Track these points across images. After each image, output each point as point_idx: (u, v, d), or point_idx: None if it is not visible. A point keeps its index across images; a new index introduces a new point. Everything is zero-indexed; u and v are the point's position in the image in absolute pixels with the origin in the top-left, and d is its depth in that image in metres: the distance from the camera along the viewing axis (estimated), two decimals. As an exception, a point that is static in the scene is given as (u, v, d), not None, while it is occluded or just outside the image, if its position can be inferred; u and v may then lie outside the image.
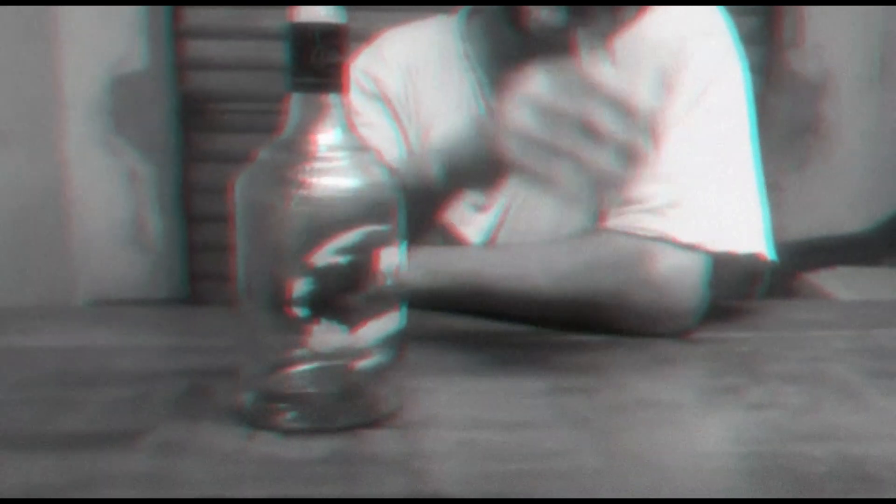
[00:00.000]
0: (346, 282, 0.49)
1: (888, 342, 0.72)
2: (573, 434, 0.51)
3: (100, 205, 2.08)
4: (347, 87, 0.50)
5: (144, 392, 0.57)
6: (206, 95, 2.08)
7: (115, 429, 0.51)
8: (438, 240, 0.82)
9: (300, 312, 0.49)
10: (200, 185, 2.08)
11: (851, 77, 2.17)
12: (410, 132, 0.86)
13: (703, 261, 0.72)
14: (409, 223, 0.52)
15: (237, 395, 0.52)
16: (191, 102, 2.08)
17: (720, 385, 0.61)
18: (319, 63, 0.48)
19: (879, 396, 0.59)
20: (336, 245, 0.48)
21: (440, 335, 0.70)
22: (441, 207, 0.74)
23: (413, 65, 0.89)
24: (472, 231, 0.84)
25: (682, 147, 0.74)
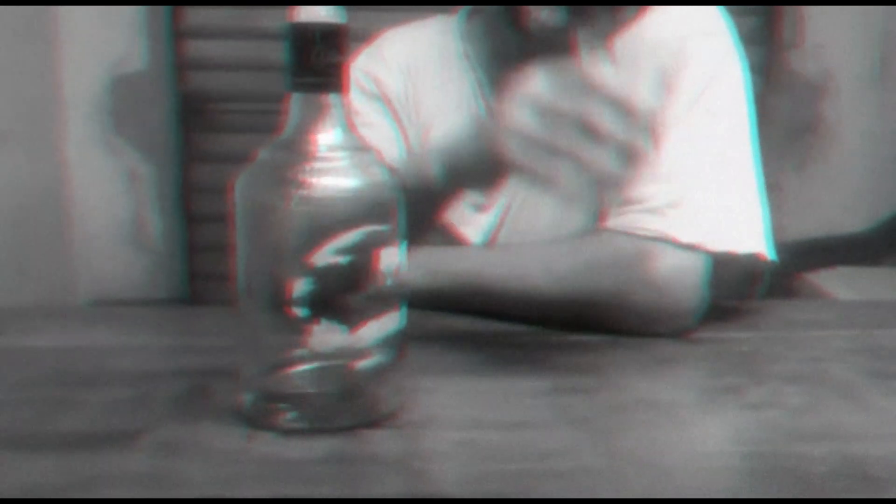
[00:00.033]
0: (346, 282, 0.49)
1: (888, 342, 0.72)
2: (573, 434, 0.51)
3: (100, 205, 2.08)
4: (347, 87, 0.50)
5: (144, 392, 0.57)
6: (206, 95, 2.08)
7: (115, 429, 0.51)
8: (438, 240, 0.82)
9: (300, 312, 0.49)
10: (200, 185, 2.08)
11: (851, 77, 2.17)
12: (410, 132, 0.86)
13: (703, 261, 0.72)
14: (410, 223, 0.52)
15: (237, 395, 0.52)
16: (191, 102, 2.07)
17: (720, 385, 0.61)
18: (319, 63, 0.48)
19: (879, 396, 0.59)
20: (336, 245, 0.48)
21: (440, 335, 0.70)
22: (441, 207, 0.74)
23: (413, 65, 0.89)
24: (472, 231, 0.84)
25: (683, 147, 0.74)
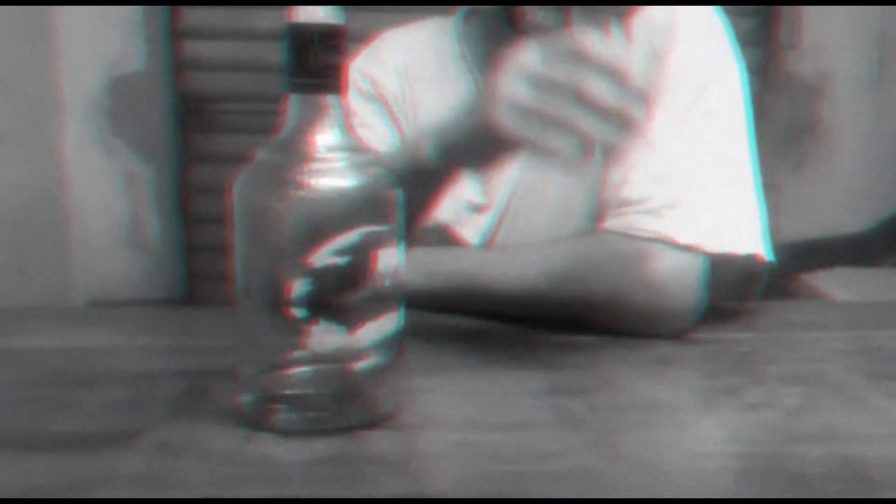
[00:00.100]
0: (345, 283, 0.49)
1: (886, 343, 0.72)
2: (571, 434, 0.51)
3: (98, 205, 2.08)
4: (345, 88, 0.50)
5: (143, 393, 0.57)
6: (204, 96, 2.08)
7: (114, 429, 0.51)
8: (436, 240, 0.82)
9: (298, 313, 0.49)
10: (198, 186, 2.08)
11: (849, 78, 2.17)
12: (407, 133, 0.86)
13: (702, 262, 0.72)
14: (407, 207, 0.52)
15: (236, 396, 0.52)
16: (189, 103, 2.07)
17: (719, 386, 0.61)
18: (317, 64, 0.48)
19: (878, 397, 0.59)
20: (334, 246, 0.48)
21: (438, 336, 0.70)
22: (437, 190, 0.72)
23: (410, 66, 0.89)
24: (471, 232, 0.84)
25: (680, 148, 0.74)
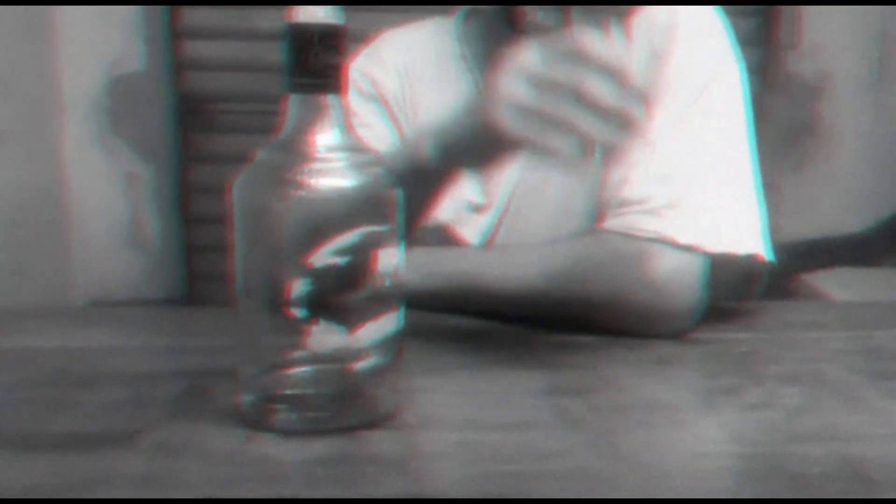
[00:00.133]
0: (345, 283, 0.49)
1: (886, 343, 0.72)
2: (571, 434, 0.51)
3: (98, 205, 2.08)
4: (345, 88, 0.50)
5: (143, 393, 0.57)
6: (204, 96, 2.08)
7: (114, 429, 0.51)
8: (436, 241, 0.82)
9: (298, 313, 0.49)
10: (198, 186, 2.08)
11: (849, 78, 2.17)
12: (407, 133, 0.86)
13: (702, 262, 0.72)
14: (407, 207, 0.52)
15: (236, 396, 0.52)
16: (189, 103, 2.07)
17: (718, 386, 0.61)
18: (317, 64, 0.48)
19: (877, 397, 0.59)
20: (334, 246, 0.48)
21: (438, 336, 0.70)
22: (438, 189, 0.72)
23: (410, 66, 0.89)
24: (470, 232, 0.84)
25: (680, 148, 0.74)
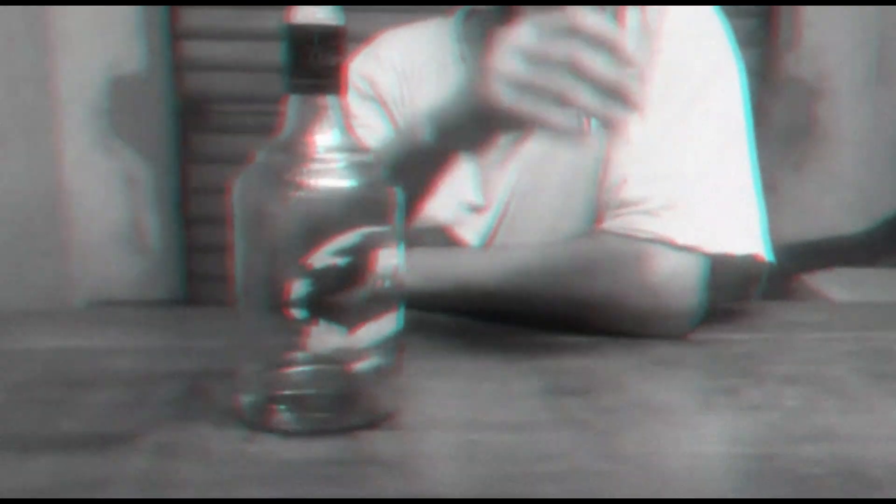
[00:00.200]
0: (345, 283, 0.49)
1: (886, 344, 0.72)
2: (571, 435, 0.51)
3: (98, 206, 2.08)
4: (345, 89, 0.50)
5: (143, 393, 0.57)
6: (204, 97, 2.08)
7: (114, 430, 0.51)
8: (436, 241, 0.82)
9: (298, 314, 0.49)
10: (198, 187, 2.08)
11: (848, 79, 2.17)
12: (405, 120, 0.86)
13: (701, 262, 0.72)
14: (405, 193, 0.52)
15: (235, 397, 0.52)
16: (189, 104, 2.07)
17: (718, 386, 0.61)
18: (317, 65, 0.48)
19: (877, 398, 0.59)
20: (334, 246, 0.48)
21: (438, 336, 0.70)
22: (436, 174, 0.72)
23: (409, 67, 0.89)
24: (470, 233, 0.84)
25: (679, 149, 0.74)
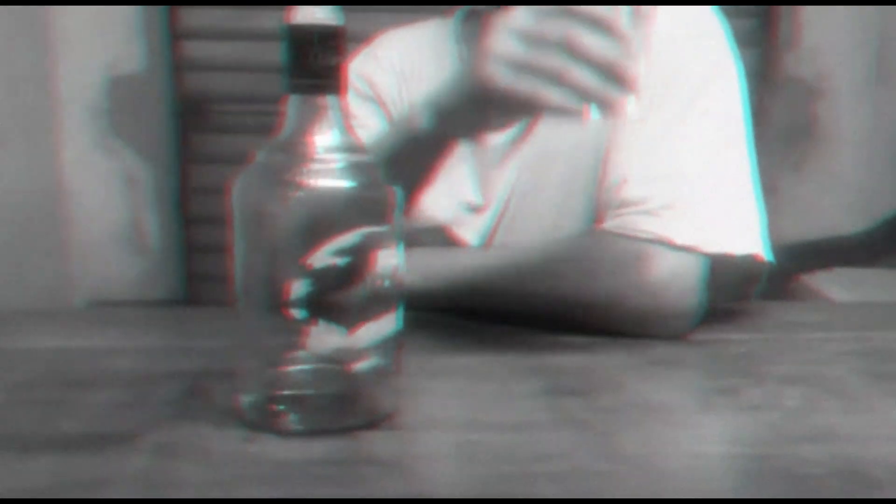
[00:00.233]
0: (344, 283, 0.49)
1: (885, 344, 0.72)
2: (571, 435, 0.51)
3: (97, 206, 2.08)
4: (345, 89, 0.50)
5: (142, 393, 0.57)
6: (204, 96, 2.08)
7: (114, 430, 0.51)
8: (435, 241, 0.83)
9: (298, 314, 0.49)
10: (198, 187, 2.08)
11: (848, 79, 2.17)
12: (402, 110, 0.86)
13: (700, 262, 0.72)
14: (404, 181, 0.53)
15: (235, 397, 0.52)
16: (188, 104, 2.07)
17: (718, 386, 0.61)
18: (317, 65, 0.48)
19: (877, 398, 0.59)
20: (333, 246, 0.48)
21: (438, 336, 0.70)
22: (434, 162, 0.72)
23: (408, 67, 0.89)
24: (469, 233, 0.84)
25: (679, 149, 0.74)
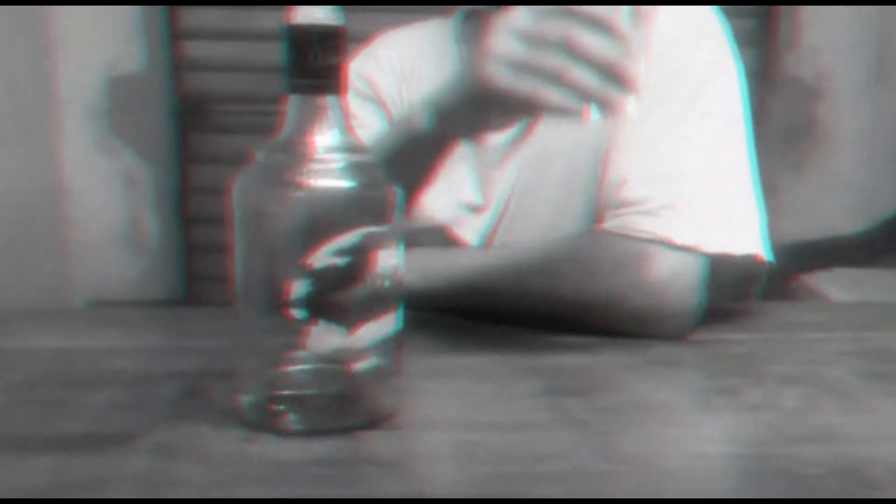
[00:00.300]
0: (344, 283, 0.49)
1: (885, 344, 0.73)
2: (571, 435, 0.51)
3: (97, 206, 2.08)
4: (345, 89, 0.50)
5: (142, 393, 0.57)
6: (204, 97, 2.08)
7: (113, 430, 0.51)
8: (435, 241, 0.83)
9: (298, 314, 0.49)
10: (198, 187, 2.08)
11: (848, 79, 2.17)
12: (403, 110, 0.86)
13: (700, 263, 0.72)
14: (404, 181, 0.53)
15: (235, 397, 0.52)
16: (188, 103, 2.07)
17: (717, 387, 0.61)
18: (317, 65, 0.48)
19: (876, 398, 0.59)
20: (333, 246, 0.48)
21: (437, 336, 0.70)
22: (434, 162, 0.72)
23: (408, 67, 0.89)
24: (469, 233, 0.84)
25: (678, 149, 0.74)
